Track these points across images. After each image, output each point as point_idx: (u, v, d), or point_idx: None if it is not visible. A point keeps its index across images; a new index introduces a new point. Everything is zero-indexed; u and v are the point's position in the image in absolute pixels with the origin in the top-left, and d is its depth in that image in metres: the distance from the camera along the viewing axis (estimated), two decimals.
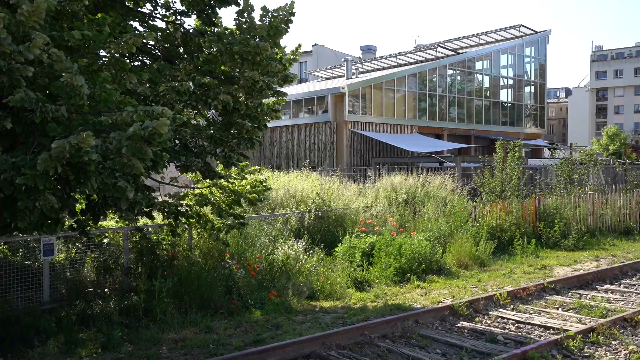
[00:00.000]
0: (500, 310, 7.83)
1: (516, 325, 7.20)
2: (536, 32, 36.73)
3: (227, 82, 8.64)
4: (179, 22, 9.12)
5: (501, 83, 35.93)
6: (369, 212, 13.97)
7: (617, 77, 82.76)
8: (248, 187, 10.15)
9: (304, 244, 10.90)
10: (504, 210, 14.61)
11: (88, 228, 7.23)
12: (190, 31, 9.02)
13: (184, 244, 9.87)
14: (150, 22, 8.98)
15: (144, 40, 9.07)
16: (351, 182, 17.86)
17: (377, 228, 12.47)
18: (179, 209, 9.12)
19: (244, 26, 8.59)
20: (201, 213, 9.61)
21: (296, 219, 12.78)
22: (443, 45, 35.34)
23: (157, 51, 9.29)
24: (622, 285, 9.58)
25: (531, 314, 7.69)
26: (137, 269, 9.18)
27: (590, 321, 7.14)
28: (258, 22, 8.57)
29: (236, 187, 9.92)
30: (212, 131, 8.80)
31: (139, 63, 9.16)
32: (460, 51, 35.23)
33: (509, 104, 36.16)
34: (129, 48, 6.18)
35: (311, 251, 11.09)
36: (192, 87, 8.28)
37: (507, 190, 16.58)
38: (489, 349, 6.17)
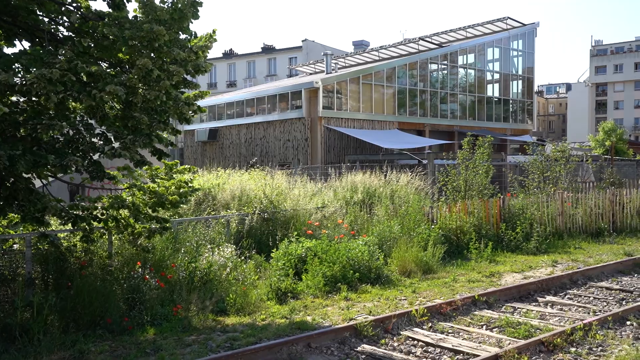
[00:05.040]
0: (415, 329, 6.83)
1: (425, 348, 6.21)
2: (524, 25, 35.50)
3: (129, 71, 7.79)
4: (76, 4, 8.24)
5: (487, 77, 34.74)
6: (320, 214, 13.04)
7: (617, 72, 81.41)
8: (173, 188, 9.29)
9: (231, 250, 9.96)
10: (465, 210, 13.61)
11: None
12: (90, 15, 8.12)
13: (103, 251, 8.94)
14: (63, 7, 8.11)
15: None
16: (319, 180, 16.95)
17: (325, 231, 11.51)
18: (92, 213, 8.23)
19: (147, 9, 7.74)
20: (119, 217, 8.73)
21: (237, 221, 11.85)
22: (428, 39, 34.23)
23: (56, 37, 8.39)
24: (566, 297, 8.55)
25: (448, 333, 6.70)
26: (42, 280, 8.28)
27: (510, 343, 6.15)
28: (159, 5, 7.70)
29: (157, 188, 9.06)
30: (104, 127, 7.90)
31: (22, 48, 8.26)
32: (444, 44, 34.11)
33: (496, 99, 35.01)
34: None
35: (242, 257, 10.17)
36: (79, 75, 7.38)
37: (473, 189, 15.59)
38: None
